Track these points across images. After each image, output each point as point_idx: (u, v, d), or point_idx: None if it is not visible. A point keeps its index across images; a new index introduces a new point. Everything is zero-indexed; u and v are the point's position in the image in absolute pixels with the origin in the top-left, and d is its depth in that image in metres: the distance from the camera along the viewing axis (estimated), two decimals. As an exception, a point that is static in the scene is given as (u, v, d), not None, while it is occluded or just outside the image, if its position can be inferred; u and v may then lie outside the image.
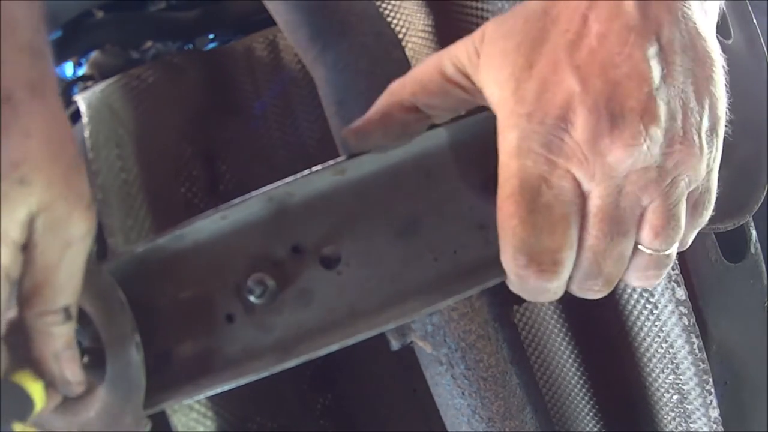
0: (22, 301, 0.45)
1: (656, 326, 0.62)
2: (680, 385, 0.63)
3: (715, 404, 0.61)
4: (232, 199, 0.51)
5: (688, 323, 0.59)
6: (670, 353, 0.62)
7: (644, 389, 0.68)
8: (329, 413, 0.87)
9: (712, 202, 0.45)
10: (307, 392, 0.87)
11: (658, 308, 0.61)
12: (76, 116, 0.78)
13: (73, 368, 0.48)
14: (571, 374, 0.79)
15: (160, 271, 0.52)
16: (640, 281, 0.46)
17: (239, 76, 0.88)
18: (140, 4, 0.94)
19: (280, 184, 0.51)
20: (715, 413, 0.61)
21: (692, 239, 0.47)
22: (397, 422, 0.86)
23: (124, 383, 0.49)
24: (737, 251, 0.67)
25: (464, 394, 0.60)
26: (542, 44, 0.42)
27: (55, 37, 0.89)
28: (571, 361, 0.78)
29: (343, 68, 0.63)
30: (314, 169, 0.51)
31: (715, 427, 0.62)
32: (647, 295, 0.61)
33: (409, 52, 0.76)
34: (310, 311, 0.51)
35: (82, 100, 0.77)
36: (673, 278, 0.58)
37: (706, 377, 0.60)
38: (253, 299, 0.50)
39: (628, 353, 0.67)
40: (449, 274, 0.50)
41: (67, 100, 0.81)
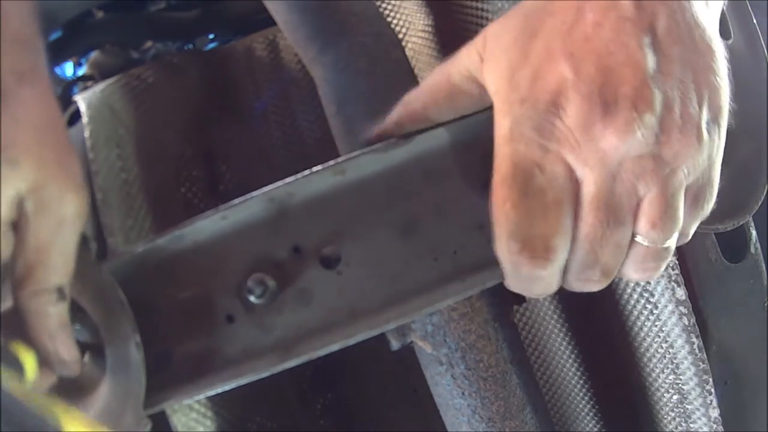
0: (16, 282, 0.46)
1: (656, 326, 0.62)
2: (680, 385, 0.63)
3: (715, 404, 0.61)
4: (232, 199, 0.51)
5: (688, 323, 0.59)
6: (670, 353, 0.62)
7: (644, 389, 0.68)
8: (329, 413, 0.87)
9: (713, 194, 0.45)
10: (307, 392, 0.87)
11: (658, 308, 0.61)
12: (76, 116, 0.78)
13: (68, 346, 0.48)
14: (571, 374, 0.79)
15: (160, 271, 0.52)
16: (638, 274, 0.46)
17: (239, 76, 0.88)
18: (140, 4, 0.94)
19: (280, 184, 0.51)
20: (715, 413, 0.61)
21: (693, 231, 0.47)
22: (397, 422, 0.86)
23: (124, 383, 0.49)
24: (737, 251, 0.66)
25: (464, 394, 0.60)
26: (538, 34, 0.43)
27: (55, 37, 0.89)
28: (571, 361, 0.78)
29: (343, 68, 0.63)
30: (314, 169, 0.50)
31: (715, 427, 0.62)
32: (647, 295, 0.61)
33: (409, 52, 0.76)
34: (310, 311, 0.51)
35: (82, 100, 0.77)
36: (673, 278, 0.58)
37: (706, 377, 0.60)
38: (253, 299, 0.50)
39: (628, 353, 0.67)
40: (449, 274, 0.50)
41: (67, 100, 0.81)
